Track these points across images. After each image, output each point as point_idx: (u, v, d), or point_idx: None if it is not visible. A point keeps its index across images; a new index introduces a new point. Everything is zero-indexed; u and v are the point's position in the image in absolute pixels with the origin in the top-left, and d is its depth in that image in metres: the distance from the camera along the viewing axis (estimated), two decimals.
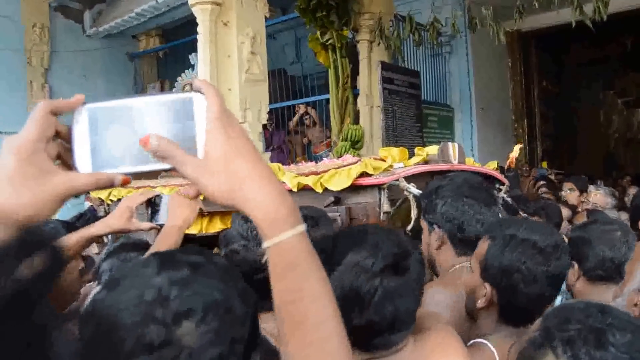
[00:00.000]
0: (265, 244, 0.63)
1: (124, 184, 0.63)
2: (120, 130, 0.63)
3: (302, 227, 0.64)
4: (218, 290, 0.64)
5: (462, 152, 2.45)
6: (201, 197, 1.14)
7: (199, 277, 0.64)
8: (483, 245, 1.33)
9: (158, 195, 2.43)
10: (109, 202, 2.99)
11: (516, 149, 2.93)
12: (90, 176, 0.62)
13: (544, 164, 9.27)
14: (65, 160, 0.64)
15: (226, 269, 0.68)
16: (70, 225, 1.95)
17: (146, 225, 1.58)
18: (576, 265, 1.80)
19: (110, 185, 0.63)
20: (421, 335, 1.11)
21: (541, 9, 4.94)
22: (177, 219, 1.43)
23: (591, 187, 4.54)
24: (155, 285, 0.63)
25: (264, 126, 5.30)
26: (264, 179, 0.63)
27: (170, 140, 0.61)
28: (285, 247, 0.63)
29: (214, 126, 0.62)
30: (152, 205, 2.48)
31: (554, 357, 0.78)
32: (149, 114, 0.63)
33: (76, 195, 0.63)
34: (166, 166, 0.62)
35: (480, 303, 1.28)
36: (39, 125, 0.60)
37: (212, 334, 0.62)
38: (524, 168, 6.16)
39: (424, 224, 1.66)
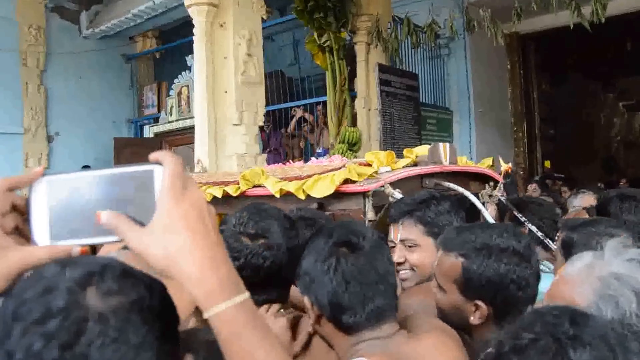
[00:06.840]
0: (204, 315, 0.63)
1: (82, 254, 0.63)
2: (79, 202, 0.63)
3: (241, 297, 0.64)
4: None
5: (454, 152, 2.37)
6: None
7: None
8: (451, 264, 1.28)
9: None
10: None
11: (504, 167, 2.93)
12: (46, 250, 0.62)
13: (547, 163, 9.24)
14: (22, 231, 0.65)
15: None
16: None
17: None
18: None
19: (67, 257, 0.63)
20: (417, 334, 1.13)
21: (539, 11, 4.91)
22: None
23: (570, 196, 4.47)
24: (64, 284, 0.58)
25: (261, 128, 5.27)
26: (200, 250, 0.62)
27: (118, 214, 0.62)
28: (224, 318, 0.62)
29: (164, 194, 0.62)
30: None
31: None
32: (108, 186, 0.64)
33: None
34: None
35: (476, 320, 1.26)
36: None
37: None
38: (521, 172, 6.14)
39: (428, 242, 1.60)
